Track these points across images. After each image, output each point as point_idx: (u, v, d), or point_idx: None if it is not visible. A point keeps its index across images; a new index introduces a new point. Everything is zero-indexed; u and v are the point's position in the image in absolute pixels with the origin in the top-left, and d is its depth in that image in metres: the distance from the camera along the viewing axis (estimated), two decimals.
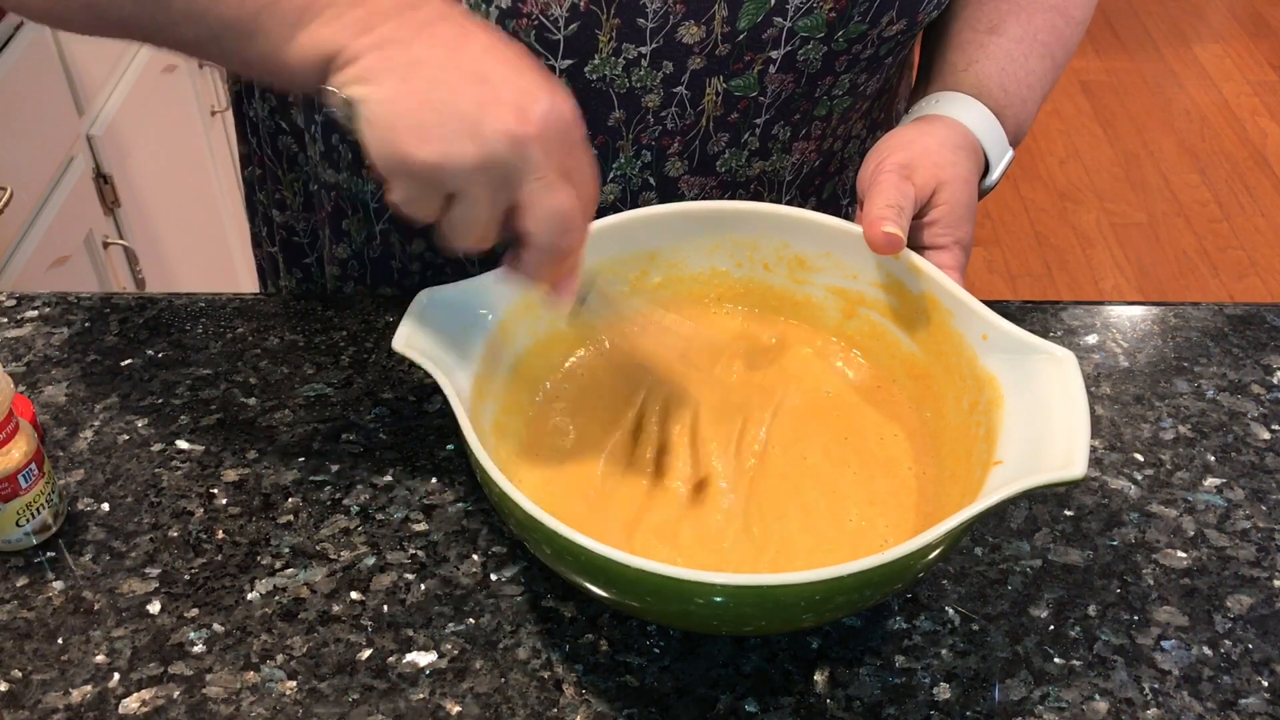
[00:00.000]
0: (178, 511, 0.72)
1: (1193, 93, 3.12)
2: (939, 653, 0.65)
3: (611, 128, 0.77)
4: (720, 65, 0.74)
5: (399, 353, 0.63)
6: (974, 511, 0.56)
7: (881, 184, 0.68)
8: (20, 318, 0.86)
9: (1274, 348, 0.84)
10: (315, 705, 0.63)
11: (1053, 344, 0.64)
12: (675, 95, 0.75)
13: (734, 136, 0.79)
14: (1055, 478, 0.57)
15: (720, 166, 0.80)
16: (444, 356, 0.64)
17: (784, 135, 0.80)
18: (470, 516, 0.72)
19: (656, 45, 0.73)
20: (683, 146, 0.78)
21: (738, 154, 0.80)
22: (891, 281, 0.71)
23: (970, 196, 0.72)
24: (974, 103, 0.76)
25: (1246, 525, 0.72)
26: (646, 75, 0.74)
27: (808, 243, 0.73)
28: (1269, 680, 0.64)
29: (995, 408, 0.64)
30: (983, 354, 0.66)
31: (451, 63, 0.56)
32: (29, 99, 1.42)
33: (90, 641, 0.66)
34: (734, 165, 0.80)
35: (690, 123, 0.77)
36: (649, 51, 0.73)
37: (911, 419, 0.70)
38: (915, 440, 0.69)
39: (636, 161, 0.79)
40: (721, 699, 0.63)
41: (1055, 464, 0.58)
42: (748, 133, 0.79)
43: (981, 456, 0.63)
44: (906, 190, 0.68)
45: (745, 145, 0.79)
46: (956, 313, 0.68)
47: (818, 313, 0.75)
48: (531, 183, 0.55)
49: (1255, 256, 2.61)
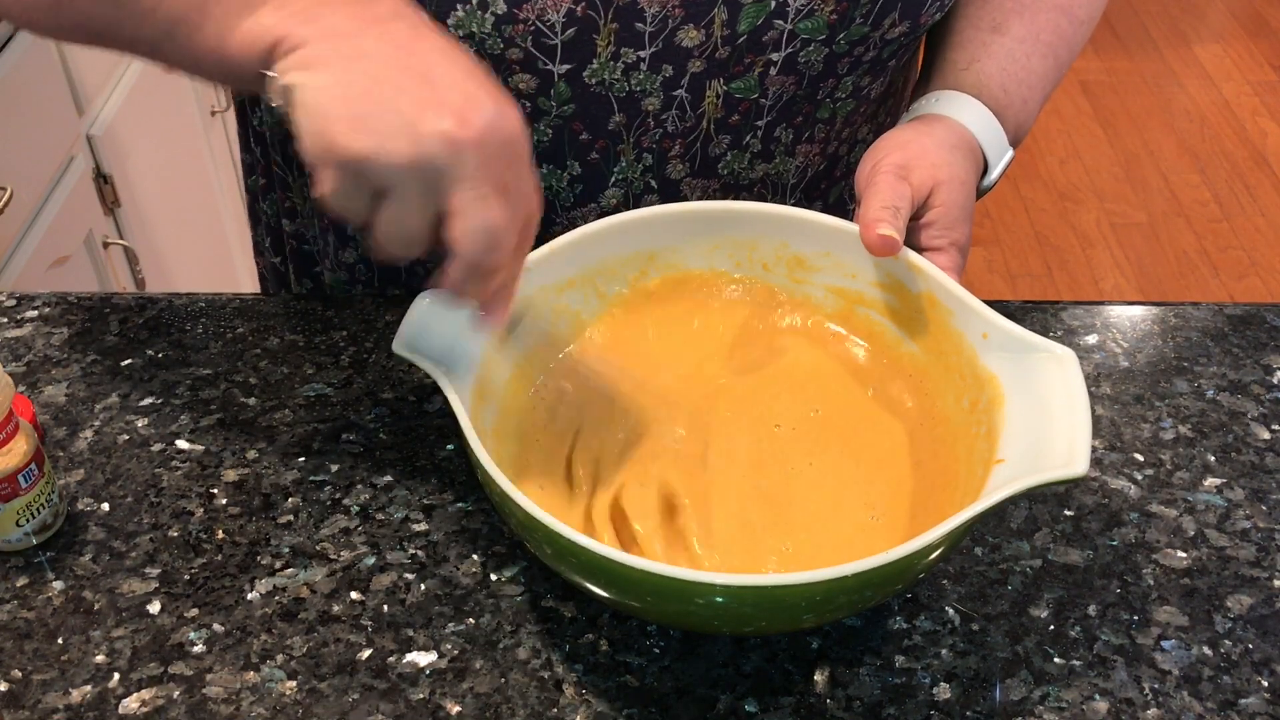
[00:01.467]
0: (178, 511, 0.72)
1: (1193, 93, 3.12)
2: (939, 653, 0.65)
3: (612, 131, 0.77)
4: (720, 68, 0.74)
5: (399, 355, 0.63)
6: (977, 510, 0.56)
7: (878, 185, 0.68)
8: (20, 318, 0.86)
9: (1274, 348, 0.84)
10: (315, 705, 0.63)
11: (1053, 342, 0.64)
12: (675, 98, 0.75)
13: (736, 139, 0.79)
14: (1057, 476, 0.57)
15: (723, 169, 0.80)
16: (445, 358, 0.64)
17: (786, 138, 0.80)
18: (470, 516, 0.72)
19: (655, 49, 0.72)
20: (684, 149, 0.78)
21: (740, 156, 0.80)
22: (891, 281, 0.71)
23: (967, 197, 0.72)
24: (973, 102, 0.76)
25: (1246, 525, 0.72)
26: (646, 79, 0.74)
27: (806, 242, 0.73)
28: (1269, 680, 0.64)
29: (996, 406, 0.64)
30: (983, 353, 0.66)
31: (399, 60, 0.54)
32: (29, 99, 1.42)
33: (90, 641, 0.66)
34: (736, 168, 0.80)
35: (691, 125, 0.77)
36: (648, 55, 0.72)
37: (911, 418, 0.70)
38: (915, 439, 0.69)
39: (638, 165, 0.78)
40: (721, 699, 0.63)
41: (1057, 462, 0.58)
42: (749, 135, 0.79)
43: (983, 455, 0.63)
44: (903, 191, 0.68)
45: (747, 147, 0.79)
46: (956, 311, 0.68)
47: (818, 312, 0.75)
48: (464, 191, 0.53)
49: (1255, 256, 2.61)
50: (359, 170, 0.53)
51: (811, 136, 0.81)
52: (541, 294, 0.70)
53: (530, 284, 0.69)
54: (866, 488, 0.67)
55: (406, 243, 0.56)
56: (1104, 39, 3.33)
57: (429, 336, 0.64)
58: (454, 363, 0.64)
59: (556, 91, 0.74)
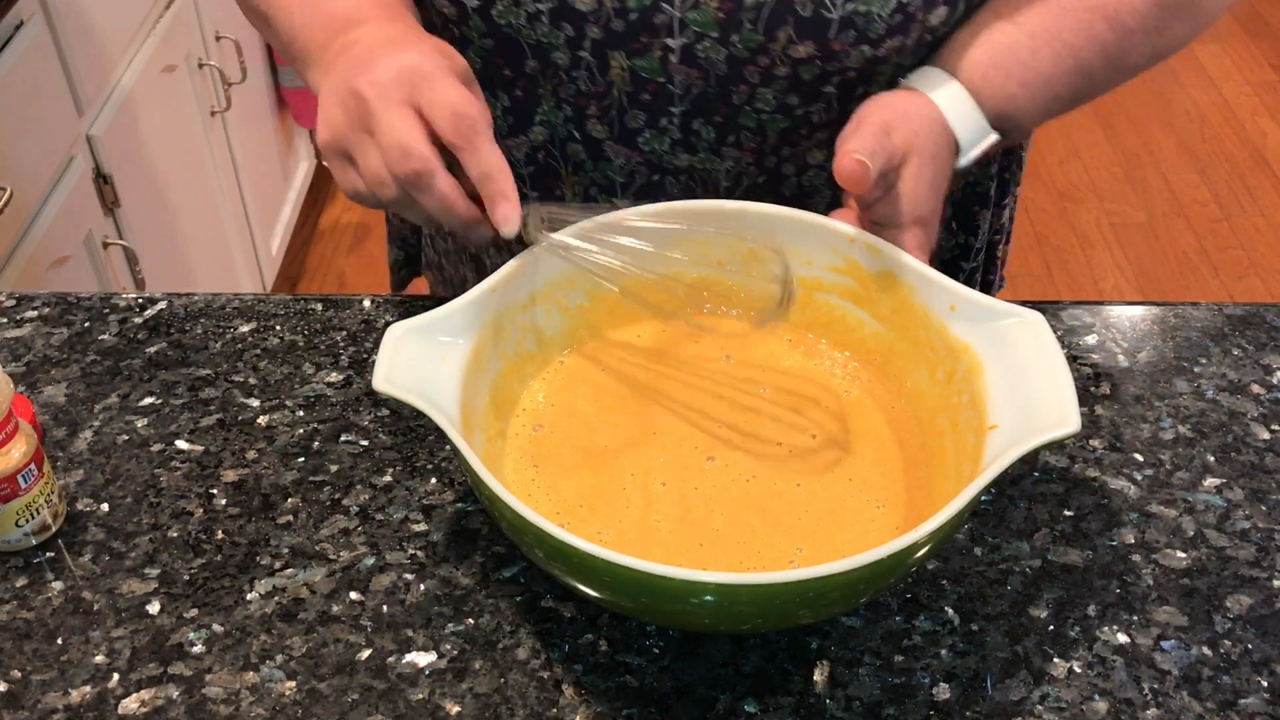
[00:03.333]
0: (177, 512, 0.72)
1: (1193, 93, 3.12)
2: (938, 653, 0.65)
3: (530, 75, 0.80)
4: (619, 41, 0.76)
5: (381, 392, 0.62)
6: (988, 478, 0.57)
7: (862, 133, 0.69)
8: (20, 318, 0.86)
9: (1274, 348, 0.84)
10: (315, 705, 0.63)
11: (1021, 307, 0.65)
12: (581, 60, 0.78)
13: (651, 118, 0.80)
14: (1055, 435, 0.58)
15: (643, 144, 0.82)
16: (425, 387, 0.63)
17: (707, 134, 0.81)
18: (470, 516, 0.72)
19: (553, 5, 0.75)
20: (600, 112, 0.81)
21: (659, 137, 0.81)
22: (847, 264, 0.72)
23: (935, 174, 0.72)
24: (948, 81, 0.75)
25: (1246, 525, 0.72)
26: (550, 33, 0.77)
27: (758, 235, 0.73)
28: (1268, 680, 0.64)
29: (975, 375, 0.65)
30: (952, 324, 0.67)
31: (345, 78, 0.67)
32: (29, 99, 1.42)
33: (90, 642, 0.66)
34: (658, 148, 0.82)
35: (602, 90, 0.79)
36: (547, 10, 0.76)
37: (886, 397, 0.71)
38: (893, 418, 0.70)
39: (559, 114, 0.82)
40: (721, 699, 0.63)
41: (1050, 423, 0.59)
42: (665, 119, 0.80)
43: (971, 423, 0.64)
44: (886, 143, 0.69)
45: (665, 131, 0.81)
46: (919, 287, 0.68)
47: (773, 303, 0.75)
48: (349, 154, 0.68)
49: (1255, 256, 2.61)
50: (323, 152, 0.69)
51: (739, 143, 0.81)
52: (508, 313, 0.70)
53: (496, 305, 0.69)
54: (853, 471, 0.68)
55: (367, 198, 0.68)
56: None
57: (406, 369, 0.64)
58: (435, 391, 0.64)
59: (473, 24, 0.78)
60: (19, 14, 1.41)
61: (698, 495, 0.67)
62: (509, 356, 0.71)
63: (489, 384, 0.69)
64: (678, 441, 0.70)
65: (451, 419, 0.62)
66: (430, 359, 0.65)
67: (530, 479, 0.68)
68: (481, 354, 0.68)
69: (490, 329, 0.69)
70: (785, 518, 0.66)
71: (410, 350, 0.64)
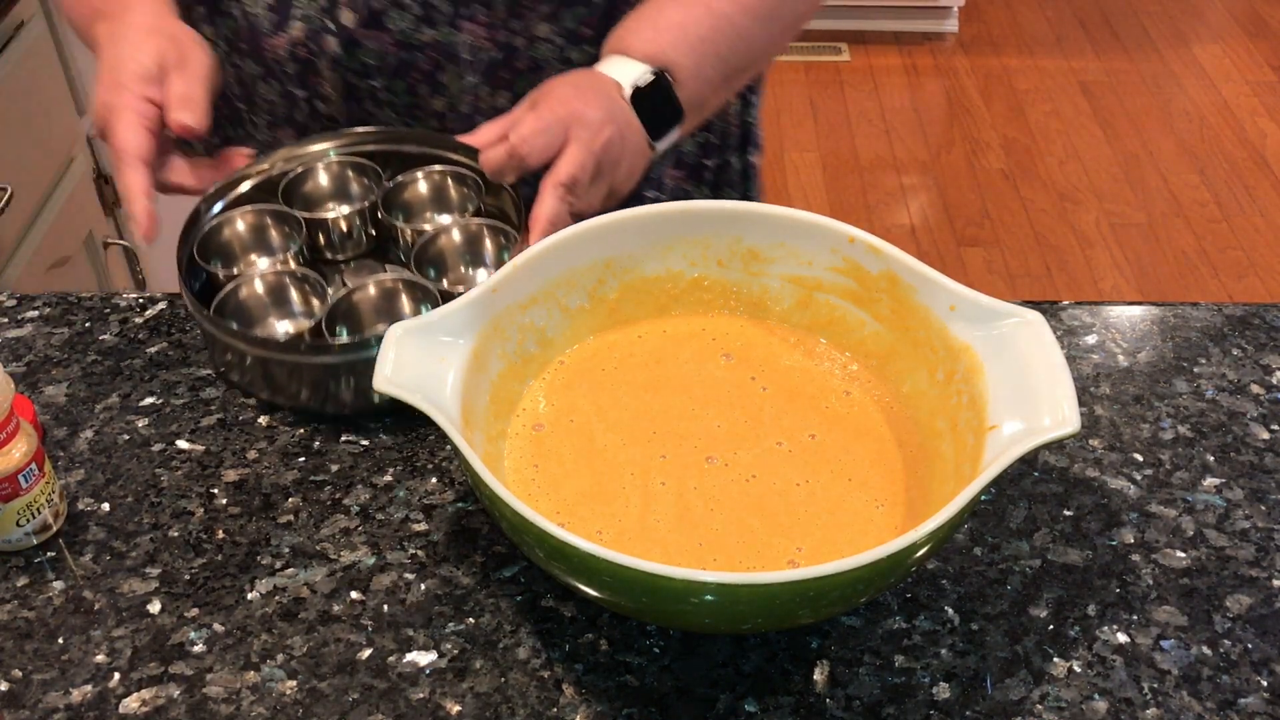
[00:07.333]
0: (178, 511, 0.72)
1: (1192, 93, 3.12)
2: (938, 652, 0.65)
3: None
4: None
5: (381, 392, 0.63)
6: (988, 478, 0.57)
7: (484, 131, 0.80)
8: (20, 318, 0.86)
9: (1274, 348, 0.84)
10: (315, 705, 0.63)
11: (1020, 307, 0.65)
12: None
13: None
14: (1055, 435, 0.59)
15: (389, 24, 0.86)
16: (426, 387, 0.63)
17: (445, 8, 0.85)
18: (470, 516, 0.72)
19: None
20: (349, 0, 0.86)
21: (404, 14, 0.85)
22: (848, 264, 0.72)
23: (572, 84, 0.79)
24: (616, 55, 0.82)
25: (1246, 525, 0.72)
26: None
27: (759, 235, 0.73)
28: (1268, 680, 0.64)
29: (975, 375, 0.65)
30: (952, 324, 0.67)
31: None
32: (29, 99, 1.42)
33: (90, 641, 0.66)
34: (404, 26, 0.86)
35: None
36: None
37: (885, 397, 0.71)
38: (893, 418, 0.70)
39: (314, 4, 0.86)
40: (721, 699, 0.63)
41: (1050, 423, 0.60)
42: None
43: (971, 423, 0.64)
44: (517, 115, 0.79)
45: (407, 9, 0.85)
46: (920, 287, 0.69)
47: (776, 303, 0.75)
48: None
49: (1255, 256, 2.61)
50: None
51: (471, 15, 0.86)
52: (508, 313, 0.70)
53: (496, 305, 0.69)
54: (853, 471, 0.68)
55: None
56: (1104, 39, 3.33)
57: (408, 369, 0.64)
58: (436, 391, 0.64)
59: None
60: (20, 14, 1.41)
61: (697, 495, 0.67)
62: (509, 356, 0.71)
63: (489, 384, 0.69)
64: (677, 441, 0.70)
65: (452, 419, 0.62)
66: (431, 359, 0.65)
67: (530, 479, 0.68)
68: (482, 354, 0.68)
69: (490, 329, 0.69)
70: (785, 518, 0.66)
71: (411, 350, 0.64)
